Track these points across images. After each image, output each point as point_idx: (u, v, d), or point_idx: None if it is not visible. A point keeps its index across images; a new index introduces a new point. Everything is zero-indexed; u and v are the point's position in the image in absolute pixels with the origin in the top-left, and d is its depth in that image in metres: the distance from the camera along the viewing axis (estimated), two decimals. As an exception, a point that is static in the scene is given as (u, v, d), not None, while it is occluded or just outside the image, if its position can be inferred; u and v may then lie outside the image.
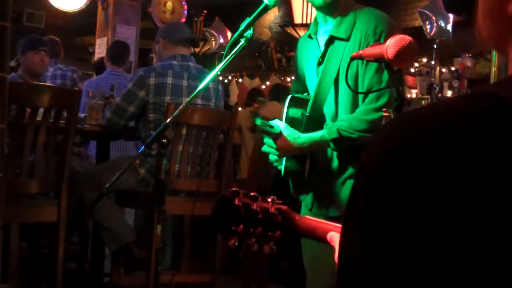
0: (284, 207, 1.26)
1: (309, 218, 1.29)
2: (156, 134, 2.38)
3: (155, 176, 3.10)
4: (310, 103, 2.18)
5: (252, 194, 1.25)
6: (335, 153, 2.16)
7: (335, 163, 2.16)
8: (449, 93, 6.55)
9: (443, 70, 6.69)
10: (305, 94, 2.27)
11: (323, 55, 2.19)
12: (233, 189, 1.25)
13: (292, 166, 2.22)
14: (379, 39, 2.04)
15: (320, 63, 2.20)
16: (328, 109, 2.17)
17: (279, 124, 2.16)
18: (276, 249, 1.25)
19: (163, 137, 2.39)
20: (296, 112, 2.20)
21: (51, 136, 2.97)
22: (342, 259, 0.59)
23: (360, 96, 2.11)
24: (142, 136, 3.47)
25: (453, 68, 6.62)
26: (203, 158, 3.41)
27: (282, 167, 2.24)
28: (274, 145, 2.16)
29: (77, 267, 3.95)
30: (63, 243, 2.96)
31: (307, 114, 2.17)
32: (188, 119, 3.24)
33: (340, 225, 1.24)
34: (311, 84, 2.25)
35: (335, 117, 2.17)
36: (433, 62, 6.56)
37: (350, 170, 2.14)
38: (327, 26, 2.20)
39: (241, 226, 1.22)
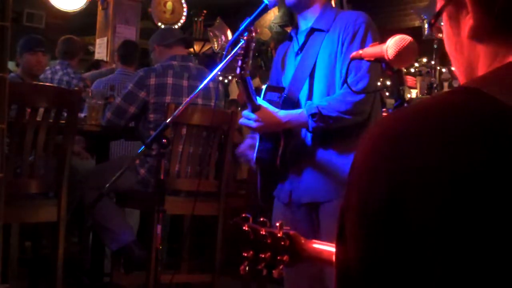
0: (291, 232, 1.27)
1: (315, 242, 1.30)
2: (156, 134, 2.38)
3: (155, 176, 3.10)
4: (287, 89, 2.22)
5: (261, 219, 1.26)
6: (308, 137, 2.16)
7: (307, 147, 2.16)
8: (449, 93, 6.54)
9: (443, 70, 6.68)
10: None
11: (302, 46, 2.24)
12: (243, 215, 1.26)
13: (264, 151, 2.20)
14: (358, 29, 2.11)
15: (298, 54, 2.25)
16: (303, 98, 2.20)
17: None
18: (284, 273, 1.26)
19: (163, 137, 2.39)
20: (273, 96, 2.21)
21: (51, 136, 2.96)
22: (340, 268, 0.59)
23: (337, 87, 2.13)
24: (142, 136, 3.47)
25: (453, 68, 6.61)
26: (203, 158, 3.41)
27: (254, 154, 2.22)
28: (253, 116, 2.11)
29: (77, 267, 3.95)
30: (63, 243, 2.95)
31: (285, 95, 2.19)
32: (188, 119, 3.24)
33: None
34: (287, 78, 2.28)
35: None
36: (433, 62, 6.56)
37: (321, 154, 2.14)
38: (307, 24, 2.25)
39: (251, 252, 1.23)
